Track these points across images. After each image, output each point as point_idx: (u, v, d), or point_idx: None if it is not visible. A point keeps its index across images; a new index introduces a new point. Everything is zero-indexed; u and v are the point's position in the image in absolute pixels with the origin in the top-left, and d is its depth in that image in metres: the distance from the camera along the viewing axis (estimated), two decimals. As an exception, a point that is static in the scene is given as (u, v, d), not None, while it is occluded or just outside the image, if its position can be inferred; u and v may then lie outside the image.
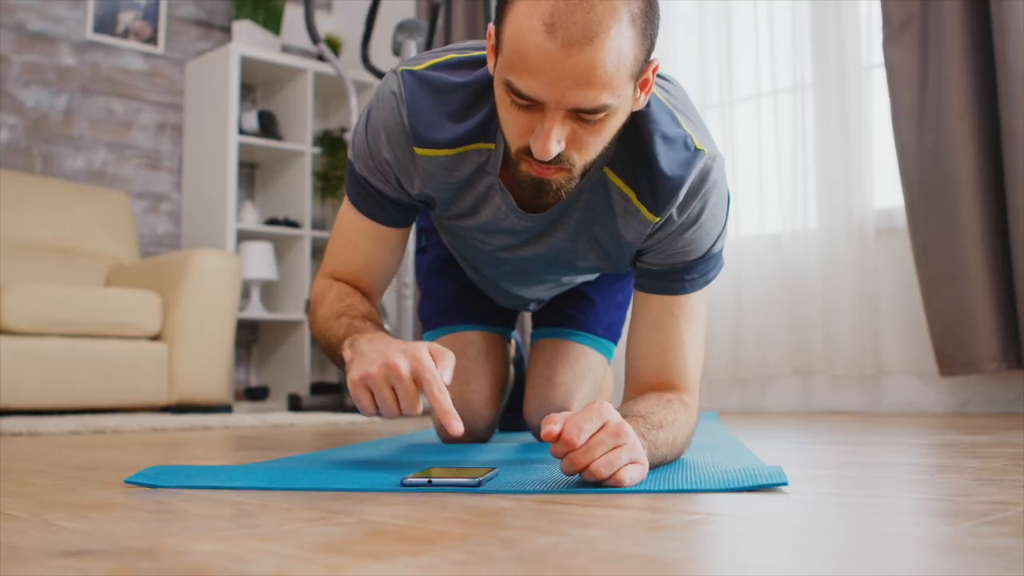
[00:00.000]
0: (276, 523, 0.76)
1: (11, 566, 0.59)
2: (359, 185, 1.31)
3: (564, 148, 1.05)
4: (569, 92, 1.00)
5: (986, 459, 1.25)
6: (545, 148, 1.03)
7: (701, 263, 1.25)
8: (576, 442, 0.92)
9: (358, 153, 1.29)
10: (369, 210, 1.32)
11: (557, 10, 0.98)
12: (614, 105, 1.03)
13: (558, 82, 0.99)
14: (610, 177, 1.22)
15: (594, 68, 0.99)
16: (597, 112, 1.02)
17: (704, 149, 1.19)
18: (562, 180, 1.10)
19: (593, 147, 1.08)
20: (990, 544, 0.62)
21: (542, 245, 1.34)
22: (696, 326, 1.27)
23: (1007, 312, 2.69)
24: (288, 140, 4.45)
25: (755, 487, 0.94)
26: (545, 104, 1.02)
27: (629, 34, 1.00)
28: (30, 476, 1.21)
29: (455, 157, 1.23)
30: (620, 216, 1.23)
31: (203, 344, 3.46)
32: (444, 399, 1.03)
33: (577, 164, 1.09)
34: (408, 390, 1.05)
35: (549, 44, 0.98)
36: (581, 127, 1.04)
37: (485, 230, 1.35)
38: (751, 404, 3.36)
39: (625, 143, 1.19)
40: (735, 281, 3.35)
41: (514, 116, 1.06)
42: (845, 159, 3.10)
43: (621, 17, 0.99)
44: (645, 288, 1.28)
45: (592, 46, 0.98)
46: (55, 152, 4.07)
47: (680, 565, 0.59)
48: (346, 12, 4.94)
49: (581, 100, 1.01)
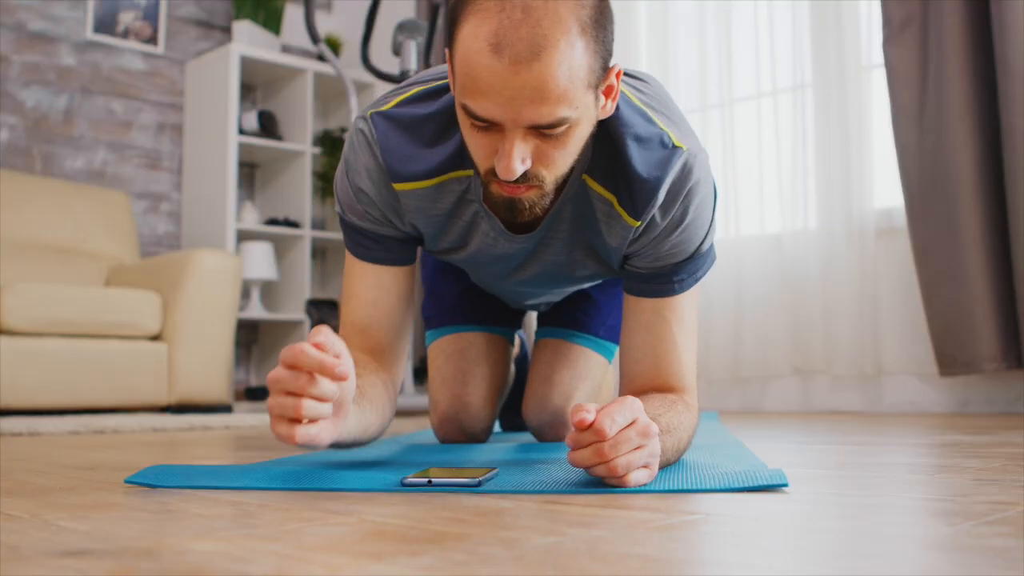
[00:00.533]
0: (276, 523, 0.76)
1: (11, 566, 0.59)
2: (353, 232, 1.28)
3: (531, 165, 1.04)
4: (524, 110, 0.98)
5: (986, 459, 1.25)
6: (508, 168, 1.01)
7: (690, 262, 1.23)
8: (608, 433, 0.91)
9: (344, 201, 1.27)
10: (369, 254, 1.29)
11: (502, 28, 0.97)
12: (573, 117, 1.01)
13: (511, 101, 0.98)
14: (590, 184, 1.20)
15: (545, 83, 0.97)
16: (555, 127, 1.01)
17: (682, 146, 1.16)
18: (534, 197, 1.08)
19: (561, 161, 1.06)
20: (990, 544, 0.62)
21: (537, 264, 1.32)
22: (688, 326, 1.25)
23: (1007, 312, 2.69)
24: (288, 140, 4.45)
25: (755, 488, 0.94)
26: (503, 124, 1.01)
27: (579, 44, 0.98)
28: (30, 476, 1.21)
29: (435, 188, 1.22)
30: (603, 222, 1.22)
31: (203, 344, 3.46)
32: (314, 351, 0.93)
33: (547, 180, 1.07)
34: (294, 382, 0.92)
35: (497, 64, 0.97)
36: (544, 142, 1.03)
37: (478, 262, 1.33)
38: (751, 404, 3.36)
39: (601, 148, 1.17)
40: (735, 281, 3.35)
41: (476, 139, 1.05)
42: (845, 159, 3.10)
43: (569, 28, 0.97)
44: (634, 292, 1.26)
45: (540, 61, 0.96)
46: (55, 152, 4.07)
47: (680, 565, 0.59)
48: (346, 12, 4.94)
49: (537, 116, 0.99)
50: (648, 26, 3.69)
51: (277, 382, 0.93)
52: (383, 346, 1.29)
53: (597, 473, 0.94)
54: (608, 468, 0.93)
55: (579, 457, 0.94)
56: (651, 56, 3.67)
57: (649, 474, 0.97)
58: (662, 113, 1.20)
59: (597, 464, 0.93)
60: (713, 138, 3.49)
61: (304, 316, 4.28)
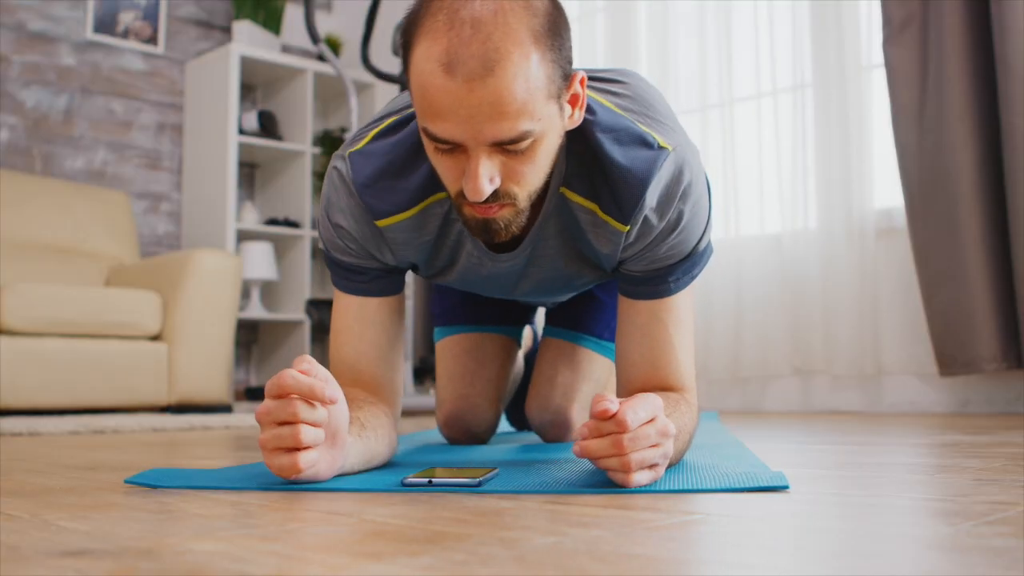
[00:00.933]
0: (276, 523, 0.76)
1: (11, 566, 0.59)
2: (337, 267, 1.27)
3: (500, 183, 1.01)
4: (484, 127, 0.96)
5: (986, 459, 1.25)
6: (476, 188, 0.99)
7: (686, 261, 1.21)
8: (630, 426, 0.90)
9: (326, 238, 1.25)
10: (354, 286, 1.26)
11: (452, 46, 0.94)
12: (537, 130, 0.99)
13: (469, 119, 0.96)
14: (568, 196, 1.17)
15: (502, 98, 0.95)
16: (519, 141, 0.98)
17: (668, 146, 1.13)
18: (508, 216, 1.06)
19: (531, 176, 1.03)
20: (990, 544, 0.62)
21: (530, 281, 1.31)
22: (684, 326, 1.23)
23: (1007, 312, 2.69)
24: (288, 140, 4.45)
25: (755, 489, 0.94)
26: (466, 144, 0.98)
27: (534, 55, 0.96)
28: (30, 476, 1.21)
29: (418, 216, 1.19)
30: (591, 232, 1.18)
31: (203, 344, 3.46)
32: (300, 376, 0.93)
33: (520, 196, 1.04)
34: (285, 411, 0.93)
35: (451, 83, 0.95)
36: (511, 159, 1.00)
37: (470, 281, 1.32)
38: (751, 404, 3.36)
39: (576, 158, 1.15)
40: (735, 281, 3.35)
41: (442, 162, 1.03)
42: (845, 159, 3.10)
43: (521, 39, 0.95)
44: (630, 294, 1.23)
45: (494, 76, 0.94)
46: (55, 152, 4.07)
47: (680, 565, 0.59)
48: (346, 12, 4.94)
49: (498, 132, 0.96)
50: (648, 26, 3.69)
51: (268, 414, 0.93)
52: (376, 379, 1.26)
53: (607, 465, 0.93)
54: (622, 462, 0.92)
55: (594, 446, 0.92)
56: (651, 56, 3.67)
57: (653, 476, 0.96)
58: (643, 115, 1.16)
59: (611, 456, 0.92)
60: (713, 138, 3.49)
61: (304, 316, 4.28)
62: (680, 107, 3.61)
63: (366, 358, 1.26)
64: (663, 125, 1.16)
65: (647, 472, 0.95)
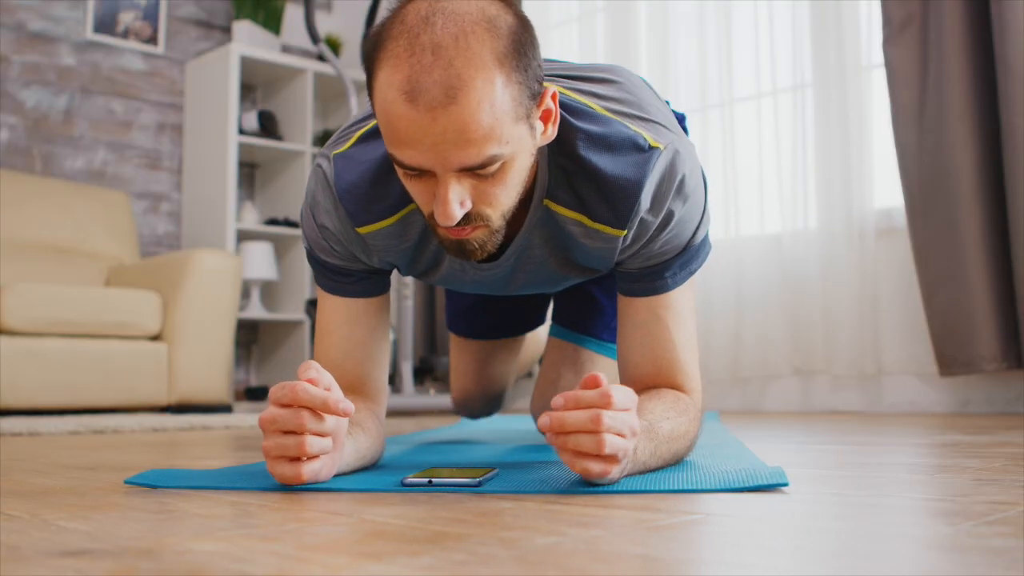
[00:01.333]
0: (276, 523, 0.76)
1: (11, 566, 0.59)
2: (321, 267, 1.26)
3: (472, 206, 1.00)
4: (449, 155, 0.94)
5: (986, 459, 1.25)
6: (447, 213, 0.97)
7: (682, 255, 1.19)
8: (615, 403, 0.89)
9: (310, 237, 1.24)
10: (338, 287, 1.26)
11: (413, 74, 0.93)
12: (506, 154, 0.97)
13: (434, 147, 0.94)
14: (553, 208, 1.15)
15: (466, 125, 0.93)
16: (487, 166, 0.96)
17: (658, 145, 1.10)
18: (482, 237, 1.04)
19: (503, 197, 1.01)
20: (990, 544, 0.62)
21: (518, 284, 1.30)
22: (686, 323, 1.21)
23: (1007, 312, 2.69)
24: (288, 140, 4.45)
25: (755, 487, 0.94)
26: (433, 170, 0.97)
27: (499, 79, 0.94)
28: (30, 476, 1.21)
29: (399, 223, 1.17)
30: (583, 240, 1.16)
31: (203, 344, 3.47)
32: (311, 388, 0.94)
33: (493, 217, 1.02)
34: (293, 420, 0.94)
35: (413, 112, 0.93)
36: (481, 182, 0.99)
37: (454, 283, 1.31)
38: (751, 404, 3.36)
39: (559, 170, 1.12)
40: (735, 281, 3.35)
41: (413, 186, 1.01)
42: (845, 159, 3.10)
43: (484, 63, 0.93)
44: (628, 292, 1.22)
45: (457, 104, 0.92)
46: (55, 152, 4.07)
47: (680, 565, 0.59)
48: (346, 12, 4.94)
49: (465, 159, 0.95)
50: (648, 26, 3.69)
51: (273, 422, 0.94)
52: (361, 379, 1.26)
53: (577, 444, 0.89)
54: (596, 440, 0.88)
55: (571, 418, 0.89)
56: (651, 56, 3.67)
57: (620, 470, 0.93)
58: (632, 115, 1.14)
59: (585, 432, 0.89)
60: (713, 138, 3.49)
61: (304, 316, 4.28)
62: (680, 107, 3.61)
63: (352, 359, 1.25)
64: (653, 123, 1.14)
65: (615, 466, 0.92)
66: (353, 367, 1.25)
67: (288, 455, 0.94)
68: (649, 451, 1.03)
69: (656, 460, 1.06)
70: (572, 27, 4.02)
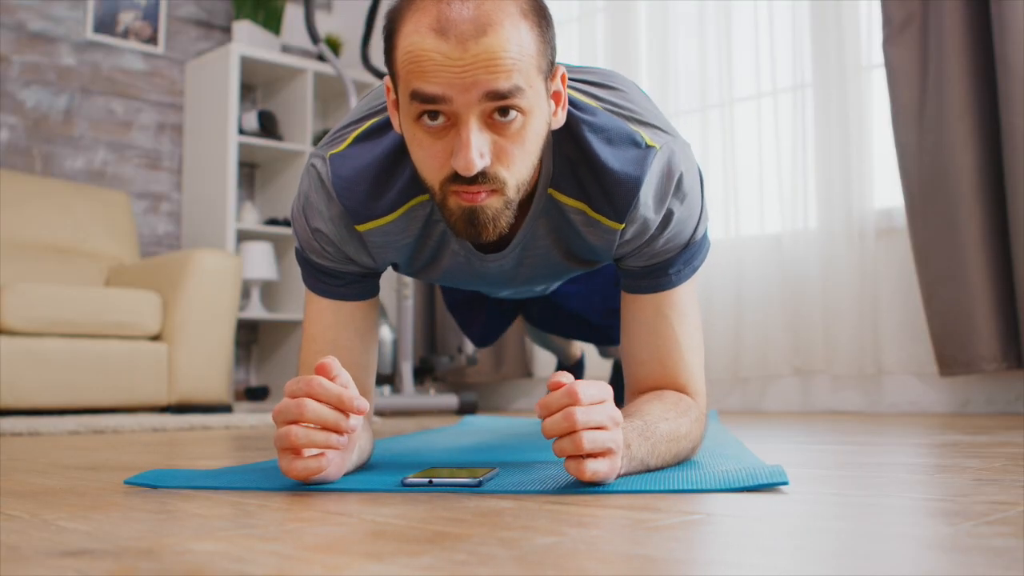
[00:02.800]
0: (276, 523, 0.76)
1: (11, 566, 0.59)
2: (311, 268, 1.25)
3: (489, 163, 0.99)
4: (479, 78, 0.95)
5: (986, 459, 1.25)
6: (468, 158, 0.96)
7: (684, 252, 1.19)
8: (581, 398, 0.90)
9: (303, 240, 1.22)
10: (327, 289, 1.24)
11: (442, 15, 0.96)
12: (528, 95, 0.98)
13: (464, 73, 0.95)
14: (557, 197, 1.16)
15: (496, 52, 0.95)
16: (511, 97, 0.97)
17: (656, 145, 1.12)
18: (496, 206, 1.02)
19: (520, 161, 1.01)
20: (990, 544, 0.62)
21: (520, 280, 1.30)
22: (690, 321, 1.21)
23: (1007, 312, 2.69)
24: (288, 140, 4.45)
25: (756, 487, 0.94)
26: (457, 112, 0.97)
27: (524, 26, 0.98)
28: (30, 476, 1.21)
29: (401, 218, 1.17)
30: (584, 230, 1.17)
31: (203, 344, 3.46)
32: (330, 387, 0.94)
33: (508, 182, 1.01)
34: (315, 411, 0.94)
35: (444, 45, 0.95)
36: (500, 136, 0.99)
37: (455, 279, 1.30)
38: (751, 404, 3.36)
39: (563, 159, 1.14)
40: (735, 281, 3.35)
41: (429, 146, 1.00)
42: (845, 159, 3.10)
43: (510, 11, 0.97)
44: (631, 289, 1.22)
45: (487, 36, 0.95)
46: (55, 152, 4.07)
47: (680, 565, 0.59)
48: (346, 12, 4.94)
49: (494, 82, 0.95)
50: (648, 26, 3.69)
51: (280, 412, 0.94)
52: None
53: (561, 448, 0.91)
54: (574, 441, 0.90)
55: (548, 425, 0.91)
56: (651, 56, 3.67)
57: (610, 466, 0.94)
58: (630, 116, 1.16)
59: (564, 434, 0.90)
60: (713, 138, 3.49)
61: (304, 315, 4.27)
62: (680, 107, 3.62)
63: (343, 363, 1.24)
64: (649, 125, 1.16)
65: (603, 461, 0.92)
66: None
67: (294, 445, 0.94)
68: (646, 449, 1.03)
69: (655, 459, 1.06)
70: (572, 27, 4.02)
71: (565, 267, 1.27)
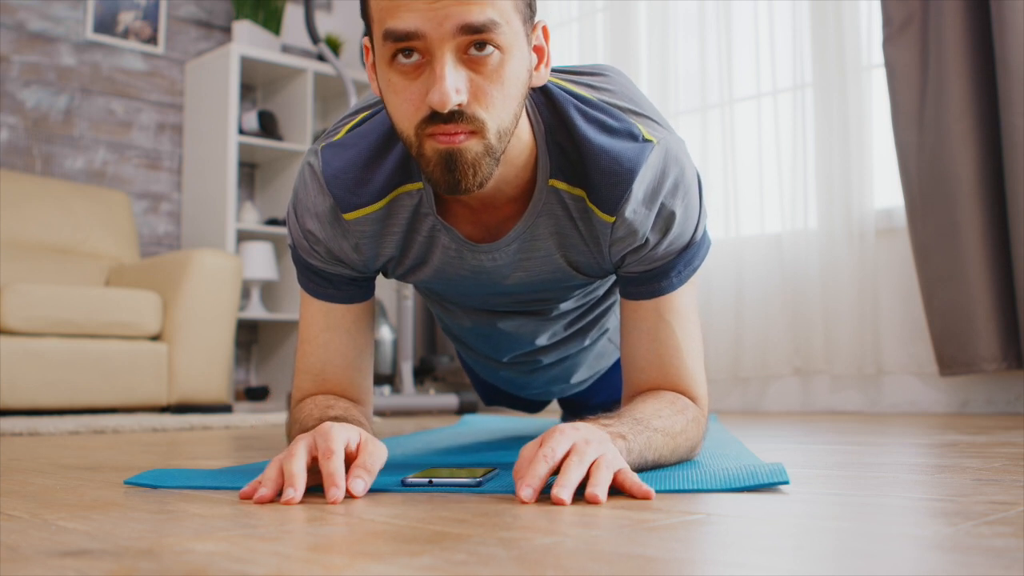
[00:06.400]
0: (276, 523, 0.76)
1: (11, 566, 0.59)
2: (304, 268, 1.24)
3: (466, 101, 0.95)
4: (451, 10, 0.92)
5: (986, 459, 1.25)
6: (443, 90, 0.93)
7: (685, 253, 1.18)
8: (563, 499, 0.85)
9: (295, 239, 1.22)
10: (320, 291, 1.23)
11: None
12: (505, 31, 0.95)
13: (435, 4, 0.92)
14: (557, 186, 1.14)
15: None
16: (487, 31, 0.94)
17: (652, 139, 1.10)
18: (477, 149, 0.98)
19: (499, 102, 0.97)
20: (990, 544, 0.62)
21: (514, 281, 1.24)
22: (690, 325, 1.20)
23: (1007, 312, 2.69)
24: (288, 140, 4.45)
25: (756, 486, 0.94)
26: (431, 48, 0.94)
27: None
28: (30, 476, 1.21)
29: (386, 208, 1.15)
30: (580, 221, 1.15)
31: (203, 344, 3.46)
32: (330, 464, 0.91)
33: (488, 124, 0.97)
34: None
35: None
36: (476, 73, 0.96)
37: (447, 279, 1.26)
38: (751, 404, 3.36)
39: (559, 149, 1.12)
40: (735, 281, 3.35)
41: (403, 89, 0.97)
42: (845, 159, 3.10)
43: None
44: (632, 295, 1.20)
45: None
46: (55, 152, 4.07)
47: (680, 565, 0.59)
48: (346, 12, 4.94)
49: (466, 14, 0.92)
50: (648, 26, 3.69)
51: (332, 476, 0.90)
52: (342, 385, 1.23)
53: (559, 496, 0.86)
54: (556, 501, 0.85)
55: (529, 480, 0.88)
56: (651, 56, 3.67)
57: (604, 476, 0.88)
58: (628, 109, 1.14)
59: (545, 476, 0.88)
60: (713, 138, 3.49)
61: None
62: (680, 107, 3.62)
63: (332, 365, 1.23)
64: (646, 119, 1.14)
65: (603, 473, 0.88)
66: (332, 374, 1.24)
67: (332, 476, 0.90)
68: (643, 441, 1.01)
69: (652, 453, 1.04)
70: (572, 27, 4.02)
71: (565, 275, 1.24)
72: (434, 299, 1.47)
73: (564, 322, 1.47)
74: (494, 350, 1.53)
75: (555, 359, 1.57)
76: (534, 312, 1.41)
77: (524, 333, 1.45)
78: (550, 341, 1.50)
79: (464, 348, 1.62)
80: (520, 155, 1.10)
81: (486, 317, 1.42)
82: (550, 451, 0.89)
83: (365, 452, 0.94)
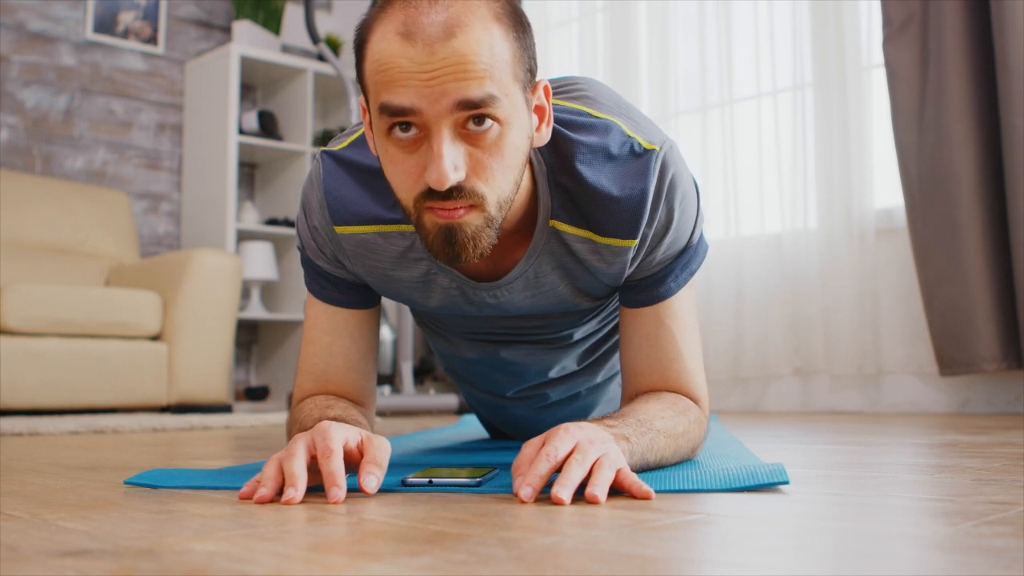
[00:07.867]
0: (276, 523, 0.76)
1: (11, 566, 0.59)
2: (311, 269, 1.24)
3: (465, 177, 0.93)
4: (447, 87, 0.90)
5: (986, 459, 1.25)
6: (440, 170, 0.90)
7: (683, 256, 1.17)
8: (563, 500, 0.84)
9: (303, 238, 1.22)
10: (325, 293, 1.23)
11: (409, 18, 0.91)
12: (504, 104, 0.93)
13: (431, 81, 0.90)
14: (559, 227, 1.11)
15: (466, 56, 0.90)
16: (485, 106, 0.91)
17: (652, 147, 1.08)
18: (476, 222, 0.96)
19: (499, 174, 0.95)
20: (990, 544, 0.62)
21: (524, 309, 1.23)
22: (690, 328, 1.19)
23: (1007, 312, 2.69)
24: (288, 140, 4.45)
25: (756, 486, 0.94)
26: (428, 124, 0.92)
27: (497, 30, 0.93)
28: (30, 476, 1.21)
29: (376, 235, 1.14)
30: (591, 258, 1.13)
31: (203, 344, 3.46)
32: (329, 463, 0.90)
33: (488, 197, 0.95)
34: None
35: (411, 50, 0.90)
36: (475, 147, 0.93)
37: (447, 310, 1.25)
38: (751, 404, 3.36)
39: (560, 189, 1.10)
40: (735, 281, 3.35)
41: (401, 161, 0.95)
42: (845, 159, 3.10)
43: (481, 14, 0.92)
44: (632, 304, 1.18)
45: (456, 38, 0.90)
46: (55, 152, 4.07)
47: (680, 565, 0.59)
48: (346, 12, 4.94)
49: (464, 90, 0.90)
50: (648, 26, 3.69)
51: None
52: (344, 388, 1.23)
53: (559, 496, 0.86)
54: (562, 479, 0.86)
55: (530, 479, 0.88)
56: (651, 56, 3.67)
57: (606, 474, 0.87)
58: (619, 114, 1.12)
59: (547, 475, 0.88)
60: (713, 138, 3.49)
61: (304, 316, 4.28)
62: (680, 107, 3.62)
63: (334, 368, 1.23)
64: (638, 123, 1.13)
65: (605, 473, 0.88)
66: (335, 375, 1.23)
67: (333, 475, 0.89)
68: (645, 443, 1.01)
69: (655, 455, 1.04)
70: (572, 27, 4.02)
71: (573, 302, 1.23)
72: (433, 328, 1.45)
73: (575, 354, 1.44)
74: (498, 384, 1.50)
75: (563, 395, 1.53)
76: (542, 341, 1.38)
77: (531, 363, 1.41)
78: (560, 374, 1.47)
79: (468, 386, 1.58)
80: (519, 196, 1.07)
81: (490, 347, 1.39)
82: (553, 450, 0.89)
83: (372, 447, 0.94)
